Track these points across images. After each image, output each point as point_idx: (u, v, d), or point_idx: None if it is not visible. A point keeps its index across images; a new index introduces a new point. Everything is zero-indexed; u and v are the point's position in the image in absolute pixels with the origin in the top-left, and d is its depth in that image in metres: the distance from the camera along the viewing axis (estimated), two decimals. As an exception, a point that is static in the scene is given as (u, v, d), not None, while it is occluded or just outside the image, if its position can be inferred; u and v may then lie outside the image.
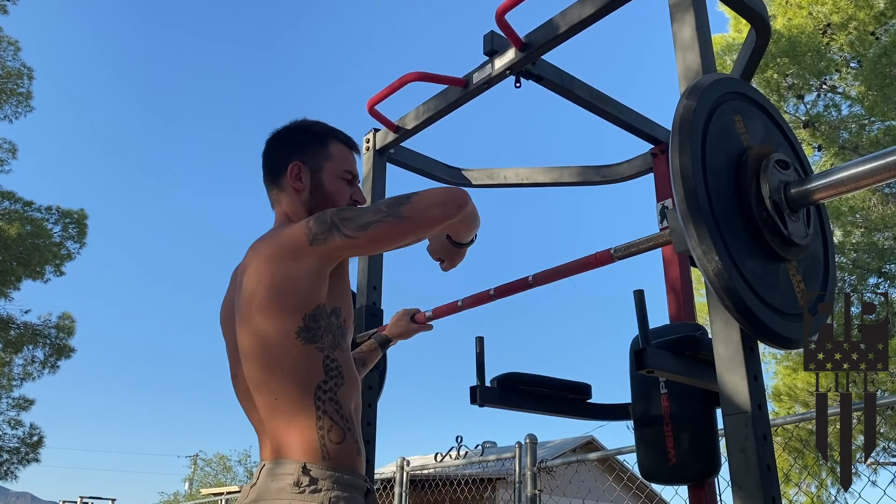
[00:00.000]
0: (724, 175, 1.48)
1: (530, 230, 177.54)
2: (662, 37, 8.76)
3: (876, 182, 1.42)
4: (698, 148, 1.44)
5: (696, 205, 1.39)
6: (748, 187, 1.48)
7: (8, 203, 11.03)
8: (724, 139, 1.52)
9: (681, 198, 1.41)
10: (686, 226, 1.40)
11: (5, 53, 11.16)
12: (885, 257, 7.09)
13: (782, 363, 7.72)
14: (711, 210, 1.40)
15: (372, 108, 2.52)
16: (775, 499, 1.36)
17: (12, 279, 10.81)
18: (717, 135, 1.51)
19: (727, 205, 1.45)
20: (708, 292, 1.44)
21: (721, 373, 1.46)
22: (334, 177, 1.43)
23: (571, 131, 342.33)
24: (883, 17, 7.49)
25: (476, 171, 3.12)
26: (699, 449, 2.20)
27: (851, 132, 7.74)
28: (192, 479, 25.66)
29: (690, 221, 1.39)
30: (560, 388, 2.50)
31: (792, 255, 1.52)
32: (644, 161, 2.99)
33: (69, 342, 11.67)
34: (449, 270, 1.55)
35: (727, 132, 1.54)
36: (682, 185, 1.41)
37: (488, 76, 2.32)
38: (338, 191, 1.43)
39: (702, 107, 1.49)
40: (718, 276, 1.36)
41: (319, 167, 1.43)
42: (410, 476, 4.53)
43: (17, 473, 11.35)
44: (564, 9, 2.10)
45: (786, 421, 3.02)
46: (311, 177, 1.42)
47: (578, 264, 1.73)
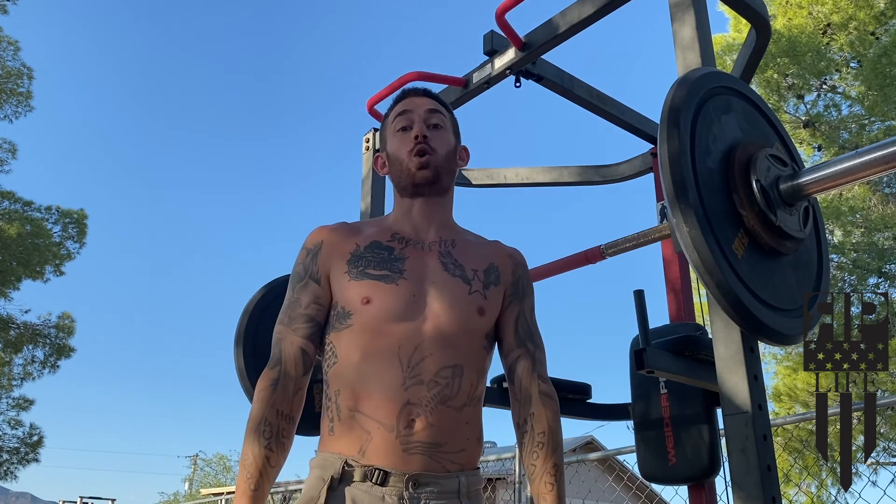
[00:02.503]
0: (713, 167, 1.47)
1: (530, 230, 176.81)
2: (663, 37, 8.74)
3: (867, 176, 1.43)
4: (687, 138, 1.44)
5: (685, 192, 1.38)
6: (739, 180, 1.48)
7: (8, 203, 11.03)
8: (715, 131, 1.52)
9: (668, 185, 1.40)
10: (673, 212, 1.39)
11: (5, 53, 11.17)
12: (885, 257, 7.08)
13: (782, 363, 7.72)
14: (700, 199, 1.39)
15: (371, 107, 2.52)
16: (775, 499, 1.36)
17: (12, 279, 10.81)
18: (707, 127, 1.50)
19: (717, 196, 1.45)
20: (699, 284, 1.44)
21: (721, 373, 1.46)
22: (390, 138, 1.38)
23: (571, 131, 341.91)
24: (883, 17, 7.49)
25: (476, 170, 3.12)
26: (699, 449, 2.20)
27: (851, 132, 7.74)
28: (192, 480, 25.68)
29: (678, 208, 1.38)
30: (560, 388, 2.47)
31: (784, 249, 1.52)
32: (644, 161, 2.99)
33: (69, 342, 11.68)
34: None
35: (718, 125, 1.53)
36: (669, 172, 1.40)
37: (488, 76, 2.32)
38: (394, 149, 1.36)
39: (691, 98, 1.48)
40: (708, 267, 1.36)
41: (384, 140, 1.41)
42: (410, 476, 4.51)
43: (16, 473, 11.35)
44: (564, 9, 2.10)
45: (786, 421, 3.02)
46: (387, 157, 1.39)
47: (570, 261, 1.73)
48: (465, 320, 1.25)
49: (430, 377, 1.20)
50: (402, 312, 1.24)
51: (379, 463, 1.15)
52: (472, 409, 1.23)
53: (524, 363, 1.31)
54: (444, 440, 1.18)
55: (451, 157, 1.38)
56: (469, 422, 1.22)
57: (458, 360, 1.23)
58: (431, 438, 1.17)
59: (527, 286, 1.38)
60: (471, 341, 1.26)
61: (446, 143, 1.37)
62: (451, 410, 1.19)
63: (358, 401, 1.20)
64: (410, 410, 1.17)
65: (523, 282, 1.37)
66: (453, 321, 1.24)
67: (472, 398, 1.23)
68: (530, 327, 1.34)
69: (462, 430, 1.20)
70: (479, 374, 1.27)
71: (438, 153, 1.34)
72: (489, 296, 1.30)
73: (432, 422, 1.17)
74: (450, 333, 1.23)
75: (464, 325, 1.25)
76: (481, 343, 1.28)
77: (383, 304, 1.24)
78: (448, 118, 1.41)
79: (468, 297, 1.28)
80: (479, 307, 1.28)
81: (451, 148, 1.38)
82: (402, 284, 1.27)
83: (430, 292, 1.26)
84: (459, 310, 1.26)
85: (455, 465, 1.18)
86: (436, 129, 1.36)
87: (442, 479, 1.16)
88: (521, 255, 1.41)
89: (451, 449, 1.18)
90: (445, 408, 1.19)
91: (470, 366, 1.24)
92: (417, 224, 1.34)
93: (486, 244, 1.39)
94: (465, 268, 1.31)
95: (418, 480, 1.15)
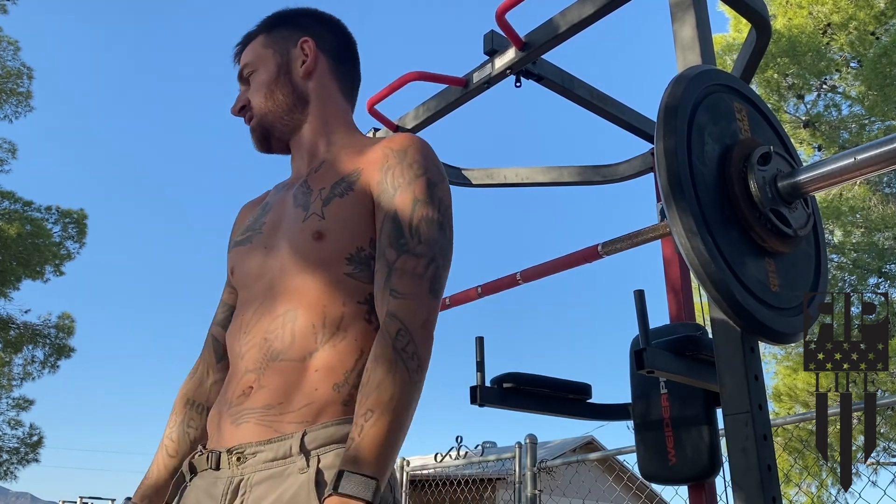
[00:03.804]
0: (710, 164, 1.47)
1: (531, 230, 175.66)
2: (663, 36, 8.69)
3: (867, 173, 1.43)
4: (684, 135, 1.43)
5: (680, 188, 1.38)
6: (736, 177, 1.48)
7: (8, 203, 11.03)
8: (712, 129, 1.52)
9: (664, 182, 1.40)
10: (669, 210, 1.39)
11: (5, 53, 11.17)
12: (885, 257, 7.08)
13: (782, 363, 7.72)
14: (696, 196, 1.39)
15: (372, 107, 2.52)
16: (776, 499, 1.36)
17: (12, 279, 10.80)
18: (704, 124, 1.50)
19: (714, 194, 1.45)
20: (699, 286, 1.43)
21: (721, 373, 1.46)
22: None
23: (571, 131, 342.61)
24: (883, 16, 7.49)
25: (476, 170, 3.12)
26: (699, 449, 2.19)
27: (852, 132, 7.74)
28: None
29: (673, 205, 1.38)
30: (560, 388, 2.50)
31: (783, 248, 1.52)
32: (644, 161, 2.99)
33: (69, 342, 11.68)
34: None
35: (715, 122, 1.53)
36: (665, 168, 1.40)
37: (488, 76, 2.32)
38: None
39: (688, 95, 1.48)
40: (705, 266, 1.36)
41: None
42: (410, 476, 4.53)
43: (16, 473, 11.35)
44: (564, 8, 2.10)
45: (786, 421, 3.02)
46: None
47: (566, 261, 1.73)
48: (298, 254, 1.05)
49: (262, 335, 1.04)
50: (255, 273, 1.10)
51: (214, 445, 1.03)
52: (326, 353, 1.00)
53: (378, 278, 1.01)
54: (279, 400, 0.99)
55: (273, 91, 1.19)
56: (321, 368, 1.00)
57: (291, 306, 1.03)
58: (263, 402, 0.99)
59: (401, 176, 1.05)
60: (313, 277, 1.04)
61: (261, 86, 1.20)
62: (285, 364, 1.00)
63: (225, 385, 1.09)
64: (246, 379, 1.03)
65: (395, 172, 1.06)
66: (286, 261, 1.06)
67: (319, 342, 1.01)
68: (401, 228, 1.02)
69: (308, 382, 0.99)
70: (331, 312, 1.02)
71: (256, 109, 1.20)
72: (329, 213, 1.05)
73: (264, 383, 1.00)
74: (284, 277, 1.05)
75: (297, 261, 1.05)
76: (335, 274, 1.03)
77: (239, 270, 1.14)
78: (255, 49, 1.23)
79: (301, 226, 1.07)
80: (315, 231, 1.05)
81: (269, 84, 1.19)
82: (257, 241, 1.13)
83: (280, 238, 1.10)
84: (290, 244, 1.07)
85: (293, 426, 0.96)
86: (250, 78, 1.22)
87: (275, 442, 0.95)
88: (404, 140, 1.10)
89: (289, 408, 0.98)
90: (279, 363, 1.01)
91: (310, 307, 1.02)
92: (297, 171, 1.20)
93: (366, 149, 1.12)
94: (313, 190, 1.10)
95: (242, 453, 0.97)
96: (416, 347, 0.94)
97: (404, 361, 0.93)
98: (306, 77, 1.20)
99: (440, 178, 1.08)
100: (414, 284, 0.98)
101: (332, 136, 1.19)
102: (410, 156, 1.07)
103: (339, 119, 1.22)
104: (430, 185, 1.05)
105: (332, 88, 1.23)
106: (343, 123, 1.22)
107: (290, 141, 1.21)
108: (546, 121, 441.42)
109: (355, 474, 0.85)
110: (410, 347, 0.94)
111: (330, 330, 1.01)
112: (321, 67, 1.22)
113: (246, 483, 0.96)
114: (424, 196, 1.04)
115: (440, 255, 1.02)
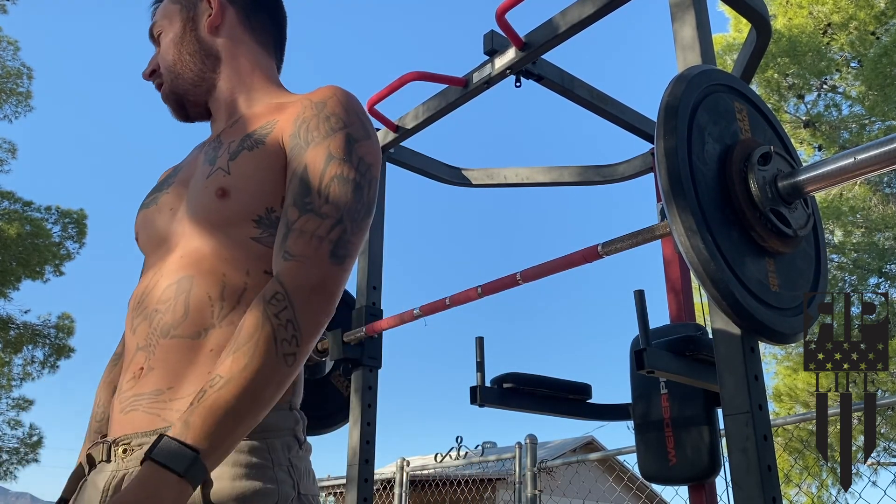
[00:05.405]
0: (711, 164, 1.47)
1: (531, 230, 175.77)
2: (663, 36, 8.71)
3: (867, 173, 1.43)
4: (684, 134, 1.43)
5: (680, 188, 1.38)
6: (736, 177, 1.48)
7: (8, 203, 11.03)
8: (712, 128, 1.52)
9: (664, 181, 1.40)
10: (669, 209, 1.39)
11: (5, 53, 11.17)
12: (885, 257, 7.08)
13: (782, 363, 7.72)
14: (696, 196, 1.39)
15: (372, 107, 2.52)
16: (776, 499, 1.36)
17: (12, 279, 10.80)
18: (705, 124, 1.50)
19: (714, 193, 1.45)
20: (699, 286, 1.43)
21: (721, 373, 1.46)
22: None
23: (571, 131, 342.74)
24: (883, 16, 7.49)
25: (476, 170, 3.12)
26: (699, 449, 2.19)
27: (852, 132, 7.74)
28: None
29: (673, 205, 1.38)
30: (560, 389, 2.50)
31: (783, 248, 1.52)
32: (644, 161, 2.99)
33: (69, 342, 11.67)
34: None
35: (715, 122, 1.53)
36: (665, 167, 1.40)
37: (488, 76, 2.32)
38: None
39: (688, 94, 1.48)
40: (705, 266, 1.36)
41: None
42: (410, 476, 4.53)
43: (16, 474, 11.35)
44: (564, 8, 2.10)
45: (786, 421, 3.02)
46: None
47: (566, 261, 1.73)
48: (200, 214, 0.94)
49: (153, 306, 0.91)
50: (159, 237, 0.99)
51: (109, 434, 0.92)
52: (224, 330, 0.88)
53: (276, 241, 0.89)
54: (169, 384, 0.86)
55: (181, 51, 1.09)
56: (216, 348, 0.87)
57: (186, 272, 0.91)
58: (151, 386, 0.87)
59: (315, 129, 0.93)
60: (214, 240, 0.92)
61: (168, 47, 1.10)
62: (176, 342, 0.88)
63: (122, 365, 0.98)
64: (137, 359, 0.91)
65: (311, 125, 0.94)
66: (185, 221, 0.95)
67: (216, 316, 0.88)
68: (308, 187, 0.89)
69: (201, 365, 0.86)
70: (231, 280, 0.90)
71: (166, 73, 1.10)
72: (236, 168, 0.94)
73: (153, 364, 0.88)
74: (183, 240, 0.94)
75: (199, 222, 0.93)
76: (240, 237, 0.92)
77: (143, 235, 1.04)
78: (164, 6, 1.14)
79: (205, 182, 0.95)
80: (219, 188, 0.93)
81: (175, 44, 1.10)
82: (163, 201, 1.03)
83: (186, 199, 0.99)
84: (192, 202, 0.96)
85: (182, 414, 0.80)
86: (160, 39, 1.13)
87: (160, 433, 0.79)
88: (325, 91, 0.98)
89: (179, 394, 0.86)
90: (169, 340, 0.88)
91: (207, 274, 0.90)
92: (216, 131, 1.10)
93: (287, 103, 1.01)
94: (224, 144, 0.99)
95: (129, 444, 0.86)
96: (295, 315, 0.80)
97: (273, 329, 0.79)
98: (213, 32, 1.10)
99: (363, 135, 0.95)
100: (310, 247, 0.85)
101: (253, 92, 1.08)
102: (329, 108, 0.95)
103: (258, 74, 1.11)
104: (349, 141, 0.92)
105: (244, 42, 1.11)
106: (263, 78, 1.11)
107: (208, 103, 1.10)
108: (546, 121, 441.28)
109: (175, 441, 0.72)
110: (285, 314, 0.80)
111: (229, 303, 0.89)
112: (230, 20, 1.11)
113: (130, 478, 0.82)
114: (340, 153, 0.91)
115: (350, 218, 0.88)
